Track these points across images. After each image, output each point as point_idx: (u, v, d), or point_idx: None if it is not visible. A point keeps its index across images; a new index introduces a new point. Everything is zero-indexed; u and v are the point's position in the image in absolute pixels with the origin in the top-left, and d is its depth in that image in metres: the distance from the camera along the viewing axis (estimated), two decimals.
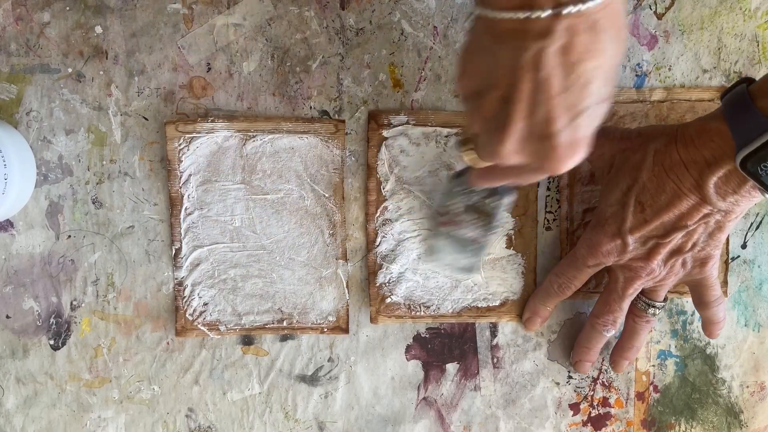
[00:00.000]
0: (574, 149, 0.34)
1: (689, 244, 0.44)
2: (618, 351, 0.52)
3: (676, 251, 0.45)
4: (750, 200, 0.42)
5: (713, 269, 0.47)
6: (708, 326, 0.50)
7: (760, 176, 0.38)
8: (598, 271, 0.48)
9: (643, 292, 0.49)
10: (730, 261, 0.54)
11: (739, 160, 0.38)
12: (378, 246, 0.51)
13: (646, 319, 0.50)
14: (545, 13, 0.30)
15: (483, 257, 0.51)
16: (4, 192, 0.45)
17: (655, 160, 0.43)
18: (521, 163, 0.35)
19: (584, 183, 0.52)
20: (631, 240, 0.44)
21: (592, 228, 0.47)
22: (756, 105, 0.38)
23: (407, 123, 0.50)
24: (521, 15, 0.31)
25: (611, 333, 0.50)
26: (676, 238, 0.44)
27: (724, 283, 0.54)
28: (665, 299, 0.50)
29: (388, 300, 0.52)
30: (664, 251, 0.44)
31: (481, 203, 0.48)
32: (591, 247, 0.46)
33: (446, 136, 0.51)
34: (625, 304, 0.49)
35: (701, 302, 0.49)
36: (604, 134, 0.47)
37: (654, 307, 0.49)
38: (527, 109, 0.33)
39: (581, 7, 0.30)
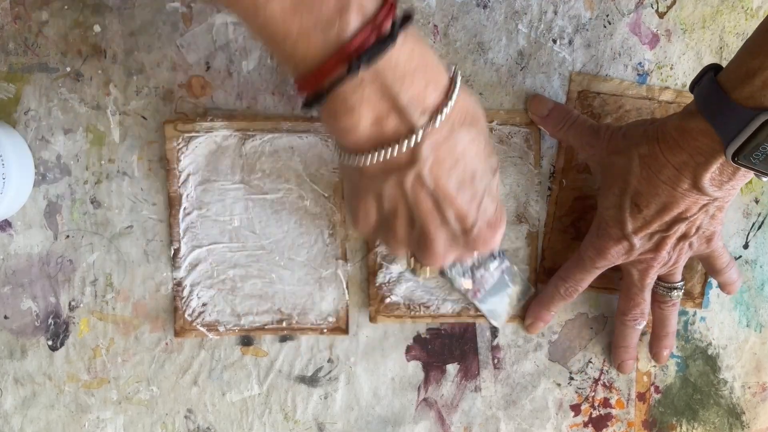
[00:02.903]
0: (495, 227, 0.37)
1: (693, 229, 0.45)
2: (655, 342, 0.52)
3: (682, 237, 0.45)
4: (746, 179, 0.42)
5: (719, 241, 0.47)
6: (725, 287, 0.52)
7: (754, 164, 0.38)
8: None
9: (660, 278, 0.50)
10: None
11: (729, 155, 0.38)
12: (378, 246, 0.51)
13: (671, 303, 0.50)
14: (404, 147, 0.32)
15: (504, 307, 0.52)
16: (2, 192, 0.45)
17: (642, 165, 0.43)
18: (462, 253, 0.38)
19: (579, 170, 0.52)
20: (636, 240, 0.45)
21: (595, 232, 0.47)
22: (732, 97, 0.37)
23: None
24: (381, 156, 0.32)
25: (642, 325, 0.51)
26: (681, 228, 0.44)
27: (701, 294, 0.54)
28: (682, 279, 0.50)
29: (388, 300, 0.51)
30: (670, 242, 0.45)
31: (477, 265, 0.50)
32: (599, 251, 0.46)
33: None
34: (647, 294, 0.49)
35: (714, 270, 0.50)
36: (591, 133, 0.47)
37: (675, 289, 0.50)
38: (438, 220, 0.35)
39: (434, 125, 0.32)
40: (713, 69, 0.40)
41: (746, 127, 0.36)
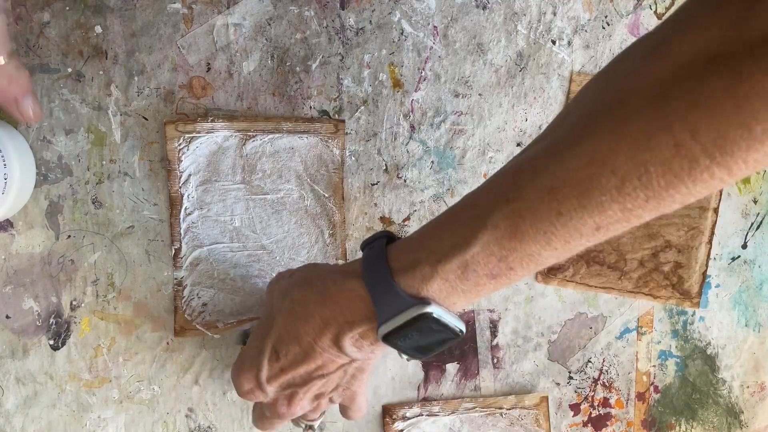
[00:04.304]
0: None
1: (331, 387, 0.42)
2: None
3: (319, 395, 0.43)
4: (387, 348, 0.39)
5: (362, 399, 0.45)
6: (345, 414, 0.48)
7: (400, 348, 0.36)
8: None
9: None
10: (730, 261, 0.54)
11: (380, 335, 0.36)
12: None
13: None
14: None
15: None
16: (4, 192, 0.45)
17: (291, 309, 0.39)
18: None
19: None
20: (269, 389, 0.41)
21: (236, 364, 0.43)
22: (394, 279, 0.35)
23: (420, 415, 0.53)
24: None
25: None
26: (316, 386, 0.41)
27: (698, 294, 0.54)
28: (322, 413, 0.47)
29: None
30: (305, 397, 0.42)
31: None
32: (236, 386, 0.43)
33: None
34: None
35: (345, 413, 0.47)
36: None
37: (311, 428, 0.48)
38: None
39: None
40: (386, 237, 0.38)
41: (401, 314, 0.34)
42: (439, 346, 0.37)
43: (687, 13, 0.28)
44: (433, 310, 0.34)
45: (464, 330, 0.37)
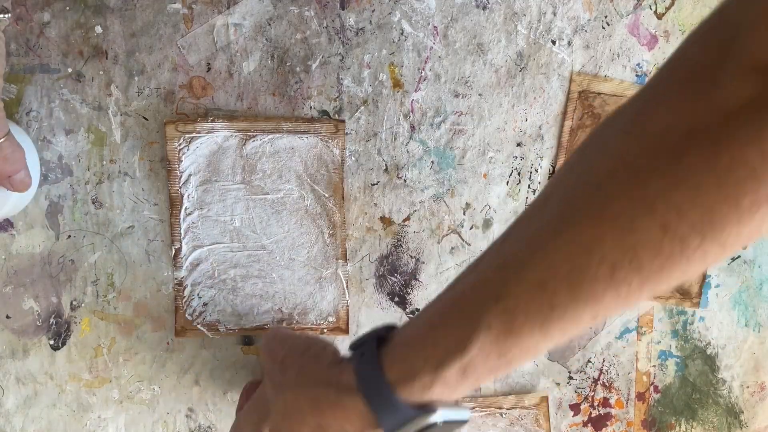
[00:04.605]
0: None
1: None
2: None
3: None
4: None
5: None
6: None
7: None
8: None
9: None
10: (730, 261, 0.54)
11: None
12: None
13: None
14: None
15: None
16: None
17: (285, 411, 0.37)
18: None
19: None
20: None
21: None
22: (396, 393, 0.33)
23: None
24: None
25: None
26: None
27: (698, 294, 0.54)
28: None
29: None
30: None
31: None
32: None
33: None
34: None
35: None
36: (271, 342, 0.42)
37: None
38: None
39: None
40: (375, 339, 0.35)
41: (406, 425, 0.33)
42: None
43: (657, 87, 0.27)
44: (439, 416, 0.33)
45: (469, 417, 0.35)
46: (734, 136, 0.23)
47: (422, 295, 0.53)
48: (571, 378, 0.54)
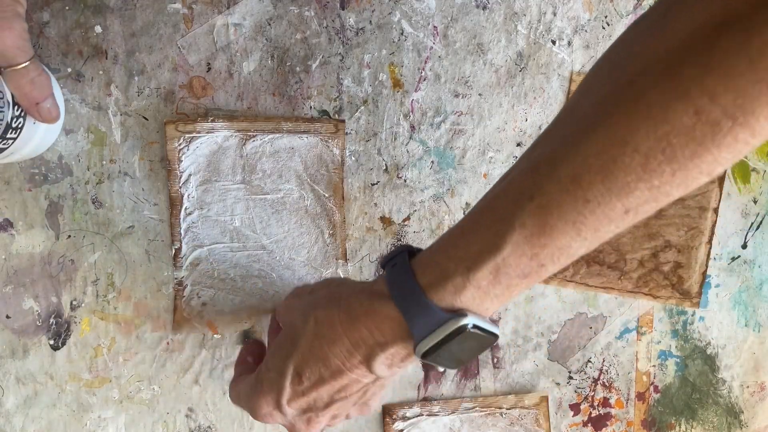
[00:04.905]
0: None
1: (349, 406, 0.41)
2: None
3: (337, 415, 0.41)
4: (413, 363, 0.38)
5: (375, 407, 0.44)
6: None
7: (439, 362, 0.35)
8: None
9: None
10: (730, 261, 0.54)
11: (419, 353, 0.35)
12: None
13: None
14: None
15: None
16: (35, 122, 0.44)
17: (316, 331, 0.38)
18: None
19: None
20: (288, 411, 0.40)
21: (251, 388, 0.42)
22: (428, 297, 0.34)
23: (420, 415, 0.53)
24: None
25: None
26: (336, 407, 0.40)
27: (698, 294, 0.54)
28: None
29: None
30: (324, 420, 0.41)
31: None
32: (251, 409, 0.41)
33: None
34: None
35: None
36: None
37: None
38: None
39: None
40: (407, 251, 0.36)
41: (438, 330, 0.33)
42: (475, 354, 0.36)
43: None
44: (470, 320, 0.33)
45: (499, 334, 0.36)
46: (765, 21, 0.24)
47: None
48: (571, 378, 0.54)
